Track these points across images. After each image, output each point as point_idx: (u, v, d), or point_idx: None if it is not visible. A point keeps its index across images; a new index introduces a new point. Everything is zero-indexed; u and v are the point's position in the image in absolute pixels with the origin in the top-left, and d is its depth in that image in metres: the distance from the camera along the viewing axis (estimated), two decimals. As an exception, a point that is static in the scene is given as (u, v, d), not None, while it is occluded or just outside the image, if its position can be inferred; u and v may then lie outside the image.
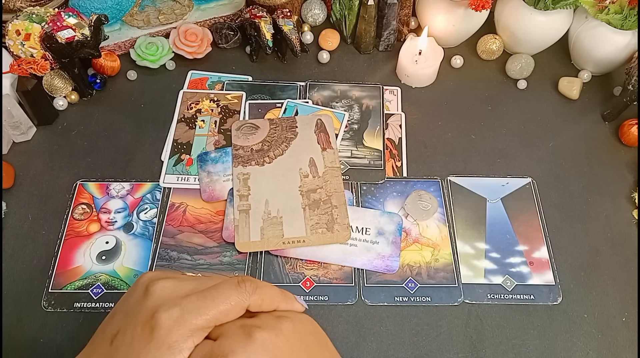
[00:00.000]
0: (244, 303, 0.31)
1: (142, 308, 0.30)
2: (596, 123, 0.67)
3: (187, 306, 0.29)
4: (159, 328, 0.28)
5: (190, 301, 0.29)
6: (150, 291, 0.30)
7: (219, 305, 0.30)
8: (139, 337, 0.28)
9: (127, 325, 0.29)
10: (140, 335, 0.28)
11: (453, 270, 0.54)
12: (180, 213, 0.57)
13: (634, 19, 0.63)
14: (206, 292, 0.30)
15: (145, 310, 0.29)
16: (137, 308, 0.30)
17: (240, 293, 0.31)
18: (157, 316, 0.28)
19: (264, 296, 0.32)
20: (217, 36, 0.72)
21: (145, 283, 0.31)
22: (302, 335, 0.31)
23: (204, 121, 0.64)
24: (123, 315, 0.31)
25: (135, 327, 0.29)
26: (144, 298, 0.30)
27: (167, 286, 0.31)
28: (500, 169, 0.62)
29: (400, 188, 0.60)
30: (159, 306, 0.29)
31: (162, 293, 0.30)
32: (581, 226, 0.58)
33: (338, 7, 0.72)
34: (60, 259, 0.53)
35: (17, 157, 0.61)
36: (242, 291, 0.31)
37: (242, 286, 0.31)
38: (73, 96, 0.65)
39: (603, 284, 0.54)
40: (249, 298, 0.31)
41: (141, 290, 0.31)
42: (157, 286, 0.31)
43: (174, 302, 0.29)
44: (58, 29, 0.59)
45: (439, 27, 0.70)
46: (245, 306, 0.31)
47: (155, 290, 0.30)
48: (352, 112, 0.66)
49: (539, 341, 0.50)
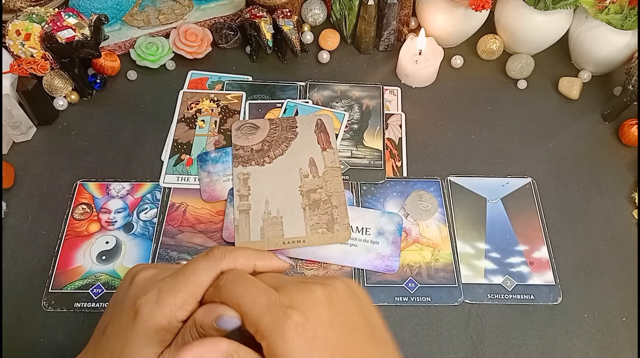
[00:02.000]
0: (215, 269, 0.31)
1: (127, 298, 0.31)
2: (596, 123, 0.67)
3: (164, 287, 0.30)
4: (141, 312, 0.29)
5: (165, 282, 0.30)
6: (134, 281, 0.32)
7: (191, 279, 0.30)
8: (125, 324, 0.30)
9: (114, 315, 0.31)
10: (126, 322, 0.30)
11: (453, 270, 0.54)
12: (180, 213, 0.57)
13: (634, 19, 0.63)
14: (179, 271, 0.31)
15: (129, 299, 0.31)
16: (123, 298, 0.31)
17: (209, 261, 0.31)
18: (138, 301, 0.30)
19: (236, 258, 0.32)
20: (217, 36, 0.72)
21: (131, 274, 0.33)
22: (355, 297, 0.32)
23: (204, 121, 0.64)
24: (112, 308, 0.32)
25: (122, 315, 0.30)
26: (128, 289, 0.32)
27: (149, 274, 0.32)
28: (500, 169, 0.62)
29: (400, 188, 0.60)
30: (139, 292, 0.30)
31: (143, 281, 0.32)
32: (581, 226, 0.58)
33: (338, 7, 0.72)
34: (61, 259, 0.53)
35: (17, 157, 0.61)
36: (211, 259, 0.31)
37: (210, 255, 0.32)
38: (73, 96, 0.65)
39: (603, 284, 0.54)
40: (220, 264, 0.31)
41: (127, 282, 0.32)
42: (139, 275, 0.32)
43: (152, 286, 0.30)
44: (58, 29, 0.59)
45: (439, 27, 0.70)
46: (218, 272, 0.31)
47: (139, 278, 0.32)
48: (352, 112, 0.66)
49: (539, 341, 0.50)
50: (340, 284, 0.31)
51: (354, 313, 0.30)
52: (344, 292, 0.30)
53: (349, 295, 0.31)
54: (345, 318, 0.29)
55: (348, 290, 0.31)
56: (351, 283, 0.32)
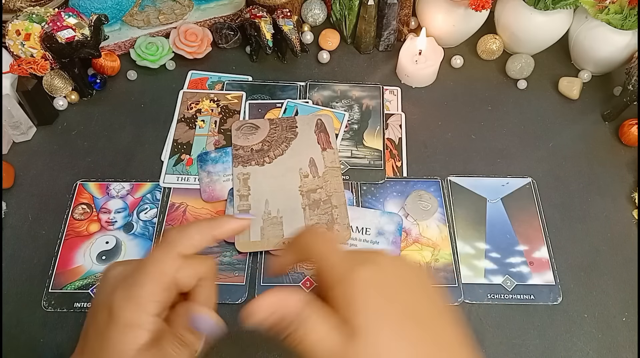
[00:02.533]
0: (171, 253, 0.32)
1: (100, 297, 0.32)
2: (596, 123, 0.67)
3: (129, 282, 0.30)
4: (114, 310, 0.30)
5: (130, 276, 0.31)
6: (106, 279, 0.32)
7: (150, 269, 0.31)
8: (102, 323, 0.30)
9: (93, 316, 0.31)
10: (103, 321, 0.30)
11: (453, 270, 0.54)
12: (180, 213, 0.57)
13: (634, 19, 0.63)
14: (140, 263, 0.31)
15: (103, 296, 0.31)
16: (98, 298, 0.32)
17: (162, 247, 0.32)
18: (110, 298, 0.30)
19: (190, 234, 0.33)
20: (217, 36, 0.72)
21: (104, 274, 0.33)
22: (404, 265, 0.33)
23: (204, 121, 0.64)
24: (92, 309, 0.33)
25: (97, 315, 0.31)
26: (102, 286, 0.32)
27: (117, 271, 0.32)
28: (500, 169, 0.62)
29: (400, 188, 0.60)
30: (111, 289, 0.31)
31: (113, 278, 0.32)
32: (581, 226, 0.58)
33: (338, 7, 0.72)
34: (60, 259, 0.53)
35: (17, 157, 0.61)
36: (164, 245, 0.32)
37: (165, 241, 0.32)
38: (73, 96, 0.65)
39: (603, 284, 0.54)
40: (175, 246, 0.32)
41: (102, 280, 0.33)
42: (109, 273, 0.32)
43: (121, 282, 0.31)
44: (58, 29, 0.59)
45: (439, 27, 0.70)
46: (175, 255, 0.32)
47: (108, 277, 0.32)
48: (352, 112, 0.66)
49: (539, 341, 0.50)
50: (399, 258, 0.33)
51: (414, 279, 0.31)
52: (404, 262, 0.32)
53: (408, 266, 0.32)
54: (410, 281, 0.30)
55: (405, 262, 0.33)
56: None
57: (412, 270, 0.31)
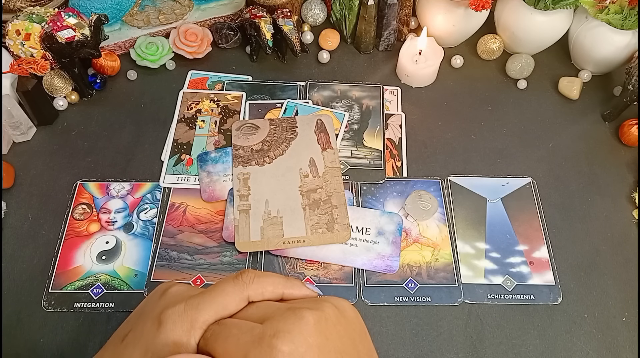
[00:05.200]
0: (242, 293, 0.32)
1: (155, 307, 0.31)
2: (596, 123, 0.67)
3: (190, 302, 0.30)
4: (165, 322, 0.29)
5: (193, 298, 0.31)
6: (167, 293, 0.32)
7: (217, 299, 0.31)
8: (147, 331, 0.30)
9: (138, 323, 0.31)
10: (149, 330, 0.30)
11: (453, 270, 0.54)
12: (180, 213, 0.57)
13: (634, 19, 0.63)
14: (207, 290, 0.32)
15: (157, 308, 0.31)
16: (151, 307, 0.32)
17: (236, 284, 0.32)
18: (165, 311, 0.30)
19: (264, 284, 0.32)
20: (217, 36, 0.72)
21: (163, 287, 0.33)
22: (345, 321, 0.32)
23: (204, 121, 0.64)
24: (137, 316, 0.32)
25: (146, 322, 0.30)
26: (159, 299, 0.32)
27: (181, 289, 0.33)
28: (500, 169, 0.62)
29: (400, 188, 0.60)
30: (169, 303, 0.31)
31: (175, 294, 0.32)
32: (581, 226, 0.58)
33: (338, 7, 0.72)
34: (60, 259, 0.53)
35: (17, 157, 0.61)
36: (239, 283, 0.32)
37: (239, 278, 0.32)
38: (73, 96, 0.65)
39: (603, 284, 0.54)
40: (248, 288, 0.32)
41: (158, 293, 0.33)
42: (172, 289, 0.33)
43: (181, 299, 0.31)
44: (58, 29, 0.59)
45: (439, 27, 0.70)
46: (245, 297, 0.32)
47: (171, 291, 0.32)
48: (352, 112, 0.66)
49: (539, 341, 0.50)
50: (331, 308, 0.31)
51: (343, 337, 0.30)
52: (333, 316, 0.30)
53: (339, 318, 0.31)
54: (333, 344, 0.29)
55: (338, 313, 0.31)
56: (343, 305, 0.32)
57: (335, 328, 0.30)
